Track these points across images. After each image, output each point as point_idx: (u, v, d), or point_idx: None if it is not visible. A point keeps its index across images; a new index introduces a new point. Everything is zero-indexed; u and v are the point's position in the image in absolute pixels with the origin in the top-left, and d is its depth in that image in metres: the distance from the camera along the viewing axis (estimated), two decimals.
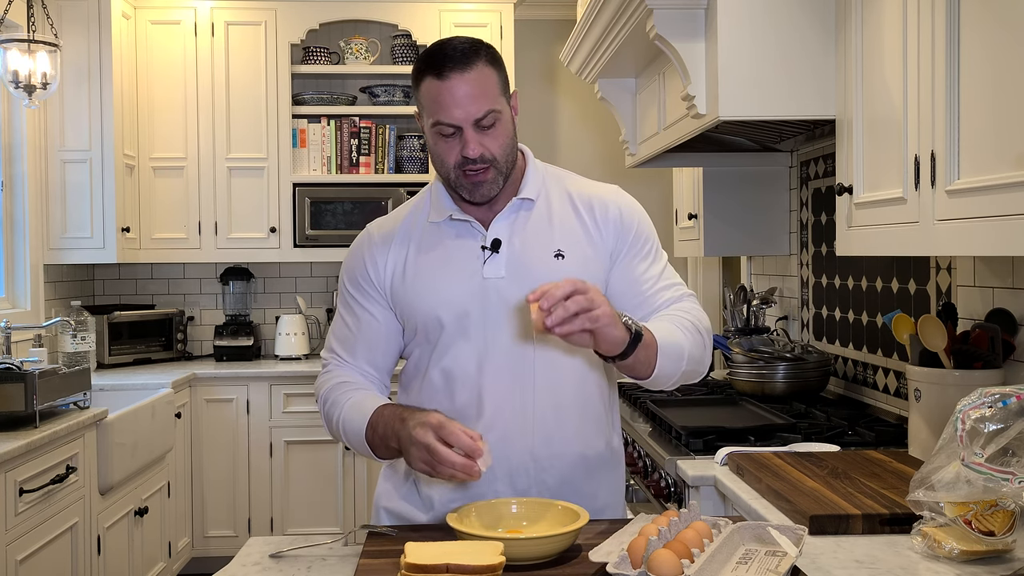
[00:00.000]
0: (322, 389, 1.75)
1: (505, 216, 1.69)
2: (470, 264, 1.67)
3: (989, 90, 1.59)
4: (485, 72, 1.60)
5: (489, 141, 1.61)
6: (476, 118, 1.58)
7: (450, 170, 1.63)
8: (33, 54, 3.60)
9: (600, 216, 1.72)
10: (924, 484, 1.46)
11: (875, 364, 2.83)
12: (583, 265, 1.67)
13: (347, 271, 1.77)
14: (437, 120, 1.60)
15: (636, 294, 1.70)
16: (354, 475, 4.38)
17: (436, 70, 1.58)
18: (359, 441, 1.64)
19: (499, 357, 1.65)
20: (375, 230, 1.77)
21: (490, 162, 1.61)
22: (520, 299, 1.63)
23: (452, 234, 1.70)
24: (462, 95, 1.57)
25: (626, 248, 1.72)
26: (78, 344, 4.11)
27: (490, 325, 1.65)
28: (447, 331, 1.67)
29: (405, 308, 1.70)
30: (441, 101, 1.58)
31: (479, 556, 1.30)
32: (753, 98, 2.29)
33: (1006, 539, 1.44)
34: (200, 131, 4.60)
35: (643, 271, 1.72)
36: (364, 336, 1.74)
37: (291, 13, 4.61)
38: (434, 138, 1.63)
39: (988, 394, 1.44)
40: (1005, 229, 1.53)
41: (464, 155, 1.59)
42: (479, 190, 1.63)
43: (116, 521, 3.38)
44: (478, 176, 1.61)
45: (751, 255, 3.91)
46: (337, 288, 1.88)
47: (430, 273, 1.69)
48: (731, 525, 1.47)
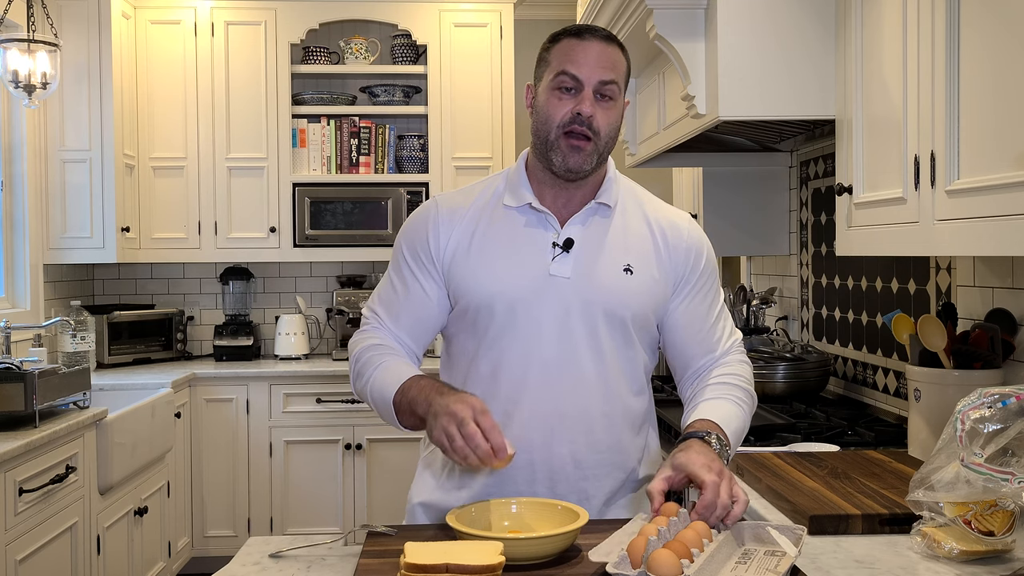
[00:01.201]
0: (358, 346, 1.72)
1: (581, 218, 1.68)
2: (538, 257, 1.65)
3: (989, 90, 1.59)
4: (619, 54, 1.65)
5: (601, 113, 1.62)
6: (601, 79, 1.60)
7: (553, 128, 1.62)
8: (33, 54, 3.60)
9: (673, 241, 1.72)
10: (924, 484, 1.47)
11: (875, 364, 2.83)
12: (649, 286, 1.68)
13: (407, 238, 1.73)
14: (563, 70, 1.60)
15: (698, 331, 1.75)
16: (354, 475, 4.38)
17: (576, 32, 1.63)
18: (385, 403, 1.61)
19: (549, 356, 1.64)
20: (443, 203, 1.73)
21: (594, 135, 1.61)
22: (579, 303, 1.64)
23: (525, 222, 1.68)
24: (596, 56, 1.61)
25: (694, 280, 1.73)
26: (78, 344, 4.11)
27: (545, 323, 1.64)
28: (498, 319, 1.64)
29: (460, 287, 1.67)
30: (573, 55, 1.60)
31: (479, 556, 1.30)
32: (753, 98, 2.29)
33: (1006, 539, 1.44)
34: (200, 131, 4.60)
35: (707, 309, 1.76)
36: (410, 307, 1.71)
37: (291, 13, 4.61)
38: (548, 94, 1.62)
39: (988, 394, 1.44)
40: (1005, 229, 1.53)
41: (577, 111, 1.60)
42: (574, 157, 1.62)
43: (116, 521, 3.38)
44: (579, 141, 1.61)
45: (751, 255, 3.91)
46: (339, 287, 1.88)
47: (494, 256, 1.66)
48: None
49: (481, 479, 1.68)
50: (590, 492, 1.70)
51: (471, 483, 1.69)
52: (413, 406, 1.56)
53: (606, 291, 1.65)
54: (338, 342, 4.73)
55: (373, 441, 4.38)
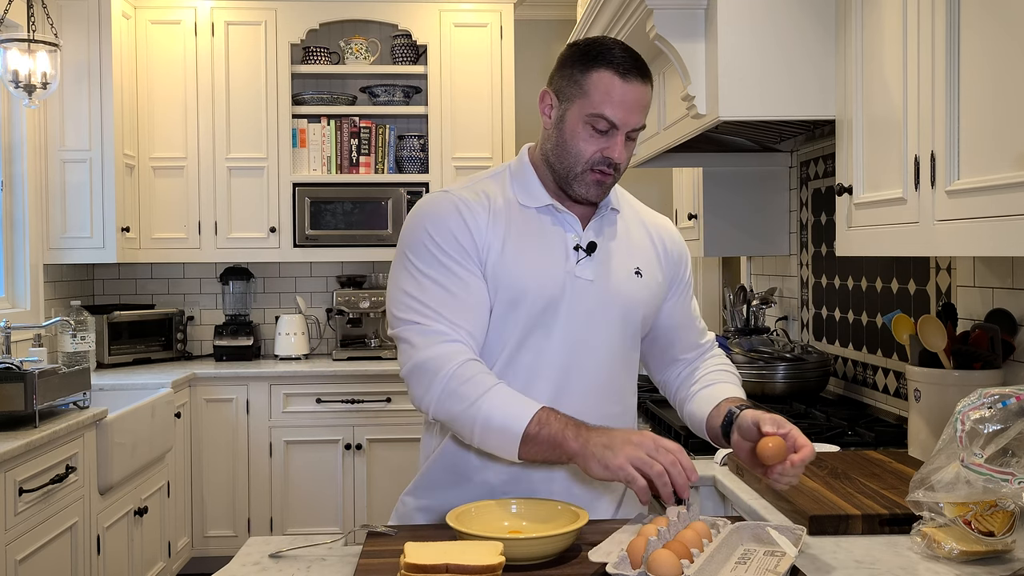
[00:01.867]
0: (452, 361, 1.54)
1: (597, 223, 1.70)
2: (562, 258, 1.66)
3: (989, 90, 1.59)
4: (650, 91, 1.65)
5: (628, 151, 1.64)
6: (633, 128, 1.61)
7: (580, 163, 1.62)
8: (33, 54, 3.60)
9: (669, 246, 1.80)
10: (924, 484, 1.47)
11: (875, 364, 2.83)
12: (653, 288, 1.75)
13: (439, 232, 1.61)
14: (601, 113, 1.58)
15: (686, 329, 1.84)
16: (354, 475, 4.38)
17: (619, 67, 1.59)
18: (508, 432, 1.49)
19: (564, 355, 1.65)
20: (466, 196, 1.65)
21: (615, 170, 1.64)
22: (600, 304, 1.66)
23: (548, 222, 1.68)
24: (634, 101, 1.60)
25: (682, 283, 1.82)
26: (78, 344, 4.11)
27: (566, 323, 1.64)
28: (526, 318, 1.62)
29: (494, 283, 1.62)
30: (614, 98, 1.58)
31: (479, 556, 1.30)
32: (753, 98, 2.29)
33: (1006, 539, 1.44)
34: (200, 131, 4.60)
35: (693, 308, 1.86)
36: (471, 301, 1.60)
37: (291, 13, 4.61)
38: (579, 127, 1.61)
39: (988, 395, 1.44)
40: (1005, 229, 1.53)
41: (607, 155, 1.61)
42: (596, 189, 1.64)
43: (116, 521, 3.38)
44: (605, 179, 1.63)
45: (751, 255, 3.91)
46: (339, 287, 1.86)
47: (526, 255, 1.64)
48: (730, 525, 1.47)
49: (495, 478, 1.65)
50: (602, 491, 1.71)
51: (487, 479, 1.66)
52: (560, 440, 1.47)
53: (622, 294, 1.69)
54: (338, 342, 4.73)
55: (373, 441, 4.38)
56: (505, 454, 1.52)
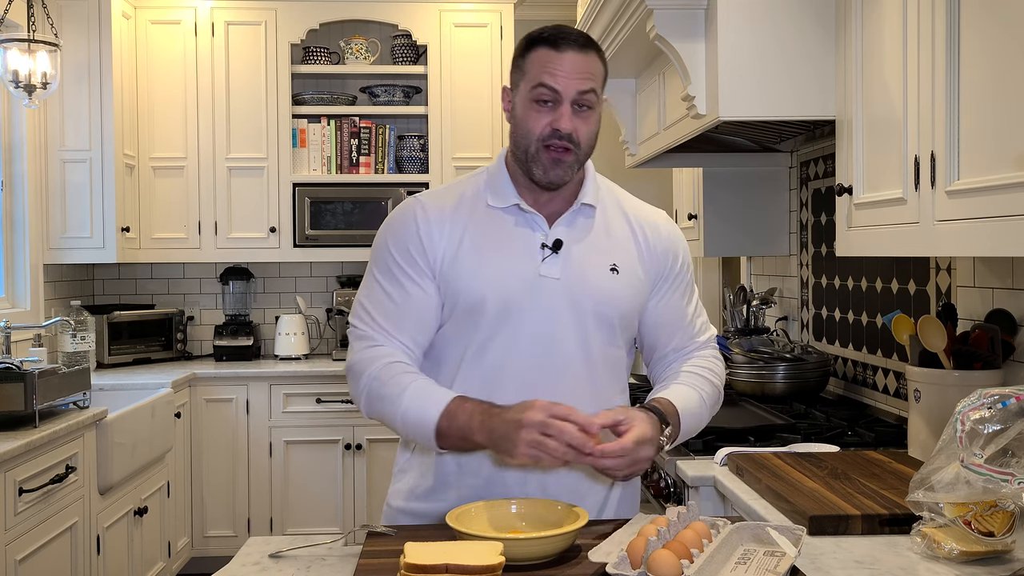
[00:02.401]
0: (373, 365, 1.62)
1: (568, 219, 1.68)
2: (527, 257, 1.65)
3: (989, 90, 1.59)
4: (597, 62, 1.64)
5: (580, 124, 1.61)
6: (580, 90, 1.60)
7: (533, 141, 1.61)
8: (33, 54, 3.60)
9: (653, 240, 1.74)
10: (924, 485, 1.46)
11: (875, 365, 2.83)
12: (634, 285, 1.70)
13: (395, 241, 1.67)
14: (540, 82, 1.59)
15: (675, 328, 1.78)
16: (354, 475, 4.38)
17: (553, 42, 1.61)
18: (422, 427, 1.56)
19: (535, 357, 1.64)
20: (428, 202, 1.69)
21: (575, 145, 1.61)
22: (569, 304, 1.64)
23: (513, 223, 1.67)
24: (572, 67, 1.60)
25: (672, 278, 1.76)
26: (78, 344, 4.11)
27: (534, 323, 1.63)
28: (489, 320, 1.63)
29: (452, 288, 1.65)
30: (551, 67, 1.59)
31: (479, 556, 1.30)
32: (753, 98, 2.29)
33: (1005, 540, 1.44)
34: (200, 131, 4.60)
35: (683, 305, 1.79)
36: (413, 311, 1.65)
37: (291, 13, 4.61)
38: (527, 106, 1.62)
39: (987, 395, 1.44)
40: (1005, 230, 1.53)
41: (555, 127, 1.59)
42: (555, 169, 1.62)
43: (116, 521, 3.38)
44: (560, 154, 1.61)
45: (751, 255, 3.91)
46: (339, 287, 1.87)
47: (484, 257, 1.64)
48: (730, 525, 1.47)
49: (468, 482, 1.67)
50: (583, 492, 1.69)
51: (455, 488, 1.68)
52: (467, 434, 1.53)
53: (594, 291, 1.66)
54: (338, 342, 4.73)
55: (373, 441, 4.38)
56: (432, 448, 1.60)
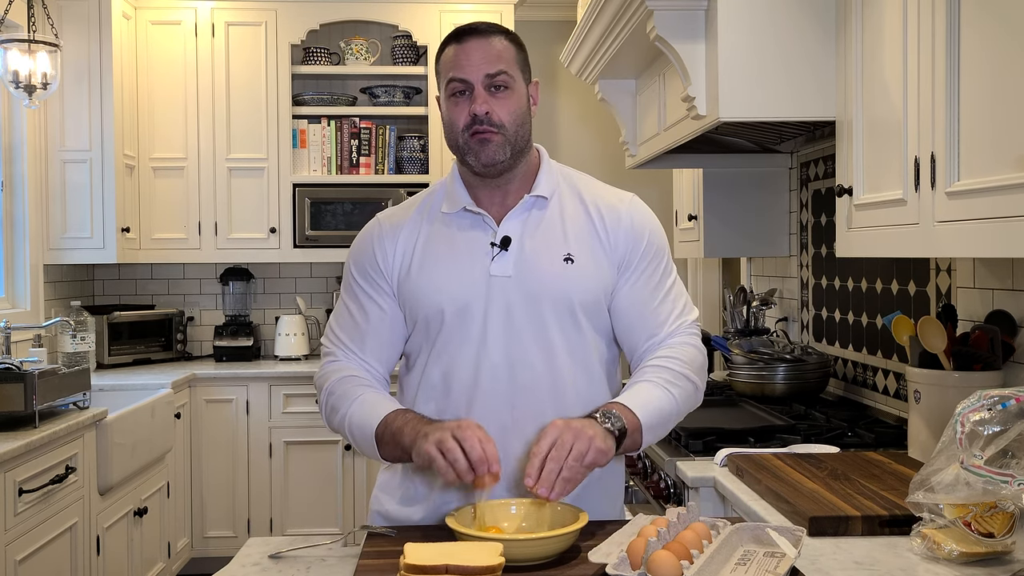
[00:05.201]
0: (329, 380, 1.70)
1: (517, 214, 1.67)
2: (478, 259, 1.66)
3: (989, 91, 1.59)
4: (503, 43, 1.65)
5: (498, 105, 1.62)
6: (488, 73, 1.61)
7: (458, 135, 1.63)
8: (33, 54, 3.60)
9: (611, 224, 1.69)
10: (924, 486, 1.46)
11: (875, 365, 2.83)
12: (592, 272, 1.66)
13: (355, 260, 1.74)
14: (451, 78, 1.62)
15: (642, 314, 1.70)
16: (354, 476, 4.38)
17: (455, 37, 1.66)
18: (365, 436, 1.61)
19: (497, 357, 1.64)
20: (384, 219, 1.75)
21: (498, 127, 1.61)
22: (523, 299, 1.63)
23: (463, 226, 1.68)
24: (477, 55, 1.62)
25: (636, 261, 1.69)
26: (78, 344, 4.11)
27: (491, 324, 1.63)
28: (447, 326, 1.65)
29: (409, 299, 1.68)
30: (457, 60, 1.63)
31: (478, 557, 1.30)
32: (753, 99, 2.29)
33: (1005, 541, 1.44)
34: (200, 131, 4.60)
35: (651, 290, 1.70)
36: (372, 329, 1.71)
37: (291, 13, 4.61)
38: (447, 103, 1.65)
39: (987, 396, 1.44)
40: (1005, 231, 1.53)
41: (472, 111, 1.60)
42: (485, 150, 1.62)
43: (115, 521, 3.37)
44: (487, 136, 1.61)
45: (751, 256, 3.91)
46: (339, 288, 1.88)
47: (436, 265, 1.67)
48: (729, 526, 1.47)
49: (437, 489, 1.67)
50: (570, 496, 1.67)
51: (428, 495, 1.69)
52: (398, 437, 1.56)
53: (548, 284, 1.64)
54: None
55: None
56: (375, 458, 1.64)
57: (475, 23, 1.68)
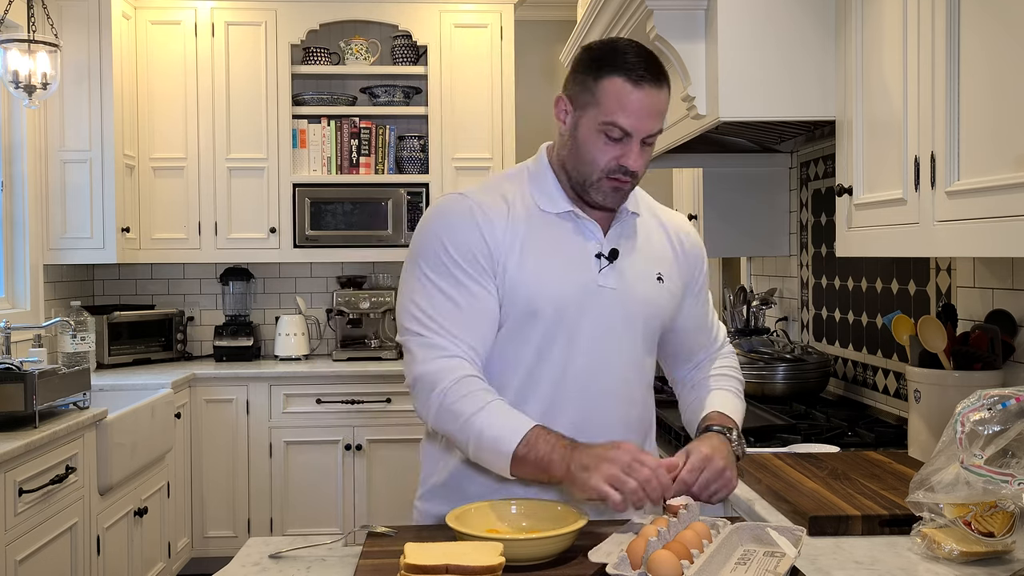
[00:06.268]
0: (443, 380, 1.55)
1: (617, 228, 1.68)
2: (585, 266, 1.64)
3: (989, 91, 1.59)
4: (667, 94, 1.60)
5: (644, 158, 1.61)
6: (649, 134, 1.58)
7: (596, 171, 1.59)
8: (33, 54, 3.60)
9: (688, 248, 1.77)
10: (924, 485, 1.47)
11: (875, 365, 2.83)
12: (675, 292, 1.73)
13: (454, 240, 1.60)
14: (614, 121, 1.55)
15: (700, 331, 1.82)
16: (354, 475, 4.38)
17: (630, 73, 1.54)
18: (498, 450, 1.49)
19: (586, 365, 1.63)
20: (482, 203, 1.63)
21: (634, 178, 1.61)
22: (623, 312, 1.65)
23: (568, 229, 1.65)
24: (649, 108, 1.56)
25: (698, 285, 1.79)
26: (78, 344, 4.11)
27: (589, 332, 1.63)
28: (546, 326, 1.61)
29: (512, 292, 1.60)
30: (627, 105, 1.54)
31: (479, 556, 1.30)
32: (753, 99, 2.29)
33: (1006, 540, 1.44)
34: (200, 131, 4.60)
35: (707, 311, 1.83)
36: (478, 314, 1.59)
37: (291, 13, 4.61)
38: (594, 135, 1.58)
39: (987, 396, 1.44)
40: (1005, 230, 1.53)
41: (623, 164, 1.58)
42: (614, 196, 1.62)
43: (115, 521, 3.37)
44: (623, 186, 1.61)
45: (751, 256, 3.91)
46: (339, 288, 1.85)
47: (543, 262, 1.62)
48: (729, 526, 1.47)
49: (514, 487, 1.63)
50: None
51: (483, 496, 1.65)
52: (546, 466, 1.47)
53: (645, 302, 1.67)
54: (338, 343, 4.73)
55: (373, 441, 4.38)
56: (498, 472, 1.53)
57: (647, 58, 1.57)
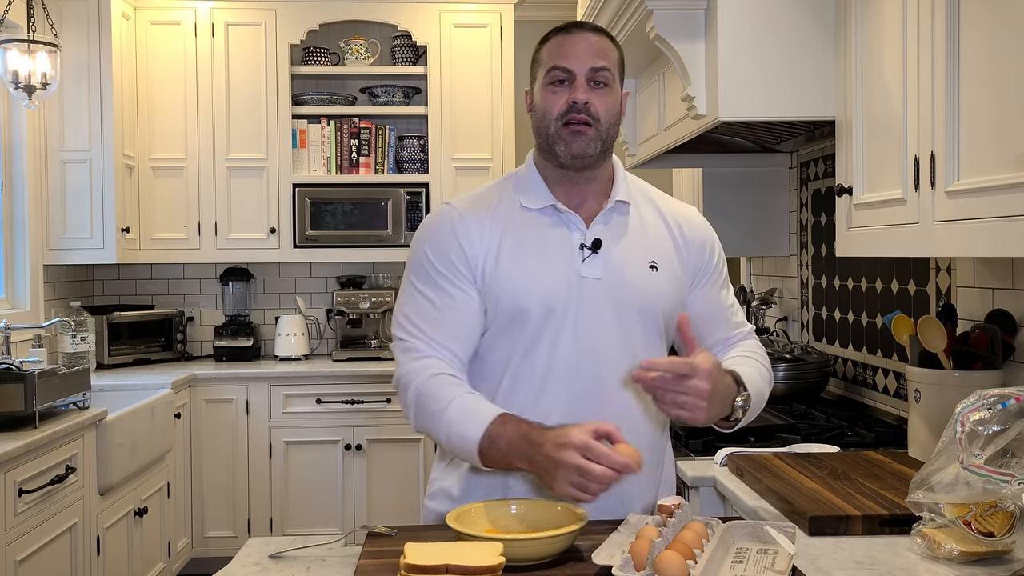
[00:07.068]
0: (416, 379, 1.61)
1: (603, 218, 1.68)
2: (567, 259, 1.64)
3: (989, 91, 1.59)
4: (608, 43, 1.67)
5: (597, 99, 1.62)
6: (592, 67, 1.62)
7: (551, 122, 1.63)
8: (33, 54, 3.60)
9: (689, 235, 1.75)
10: (924, 485, 1.47)
11: (875, 365, 2.83)
12: (674, 280, 1.70)
13: (434, 248, 1.66)
14: (554, 65, 1.63)
15: (720, 320, 1.78)
16: (354, 476, 4.38)
17: (562, 29, 1.67)
18: (466, 448, 1.54)
19: (582, 359, 1.63)
20: (463, 209, 1.69)
21: (593, 120, 1.62)
22: (612, 303, 1.64)
23: (549, 224, 1.67)
24: (583, 47, 1.63)
25: (710, 272, 1.77)
26: (78, 344, 4.11)
27: (580, 325, 1.63)
28: (534, 323, 1.62)
29: (495, 294, 1.64)
30: (562, 49, 1.64)
31: (479, 557, 1.30)
32: (753, 99, 2.29)
33: (1005, 540, 1.44)
34: (200, 131, 4.60)
35: (724, 297, 1.80)
36: (456, 316, 1.64)
37: (291, 13, 4.61)
38: (544, 91, 1.65)
39: (987, 396, 1.44)
40: (1005, 230, 1.53)
41: (572, 99, 1.60)
42: (577, 142, 1.61)
43: (115, 521, 3.37)
44: (582, 129, 1.61)
45: (751, 256, 3.91)
46: (339, 288, 1.86)
47: (524, 260, 1.64)
48: (722, 525, 1.47)
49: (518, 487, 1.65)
50: (631, 493, 1.68)
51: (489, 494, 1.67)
52: (509, 459, 1.51)
53: (637, 290, 1.66)
54: (338, 343, 4.73)
55: (373, 442, 4.38)
56: (474, 464, 1.57)
57: (581, 21, 1.68)
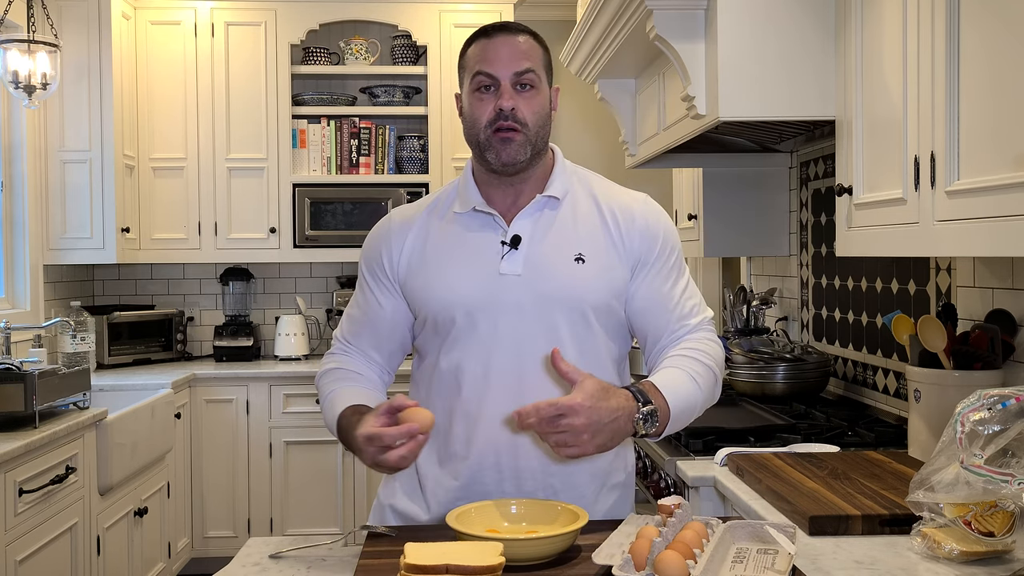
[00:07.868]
0: (319, 372, 1.79)
1: (528, 213, 1.67)
2: (487, 258, 1.66)
3: (989, 91, 1.59)
4: (531, 43, 1.66)
5: (524, 103, 1.63)
6: (516, 71, 1.62)
7: (480, 130, 1.64)
8: (33, 54, 3.60)
9: (625, 224, 1.70)
10: (924, 485, 1.47)
11: (875, 365, 2.83)
12: (604, 272, 1.66)
13: (364, 256, 1.79)
14: (478, 71, 1.63)
15: (660, 313, 1.70)
16: (354, 475, 4.38)
17: (483, 33, 1.66)
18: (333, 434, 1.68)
19: (507, 356, 1.63)
20: (396, 216, 1.78)
21: (521, 125, 1.62)
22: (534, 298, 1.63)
23: (473, 226, 1.69)
24: (506, 51, 1.63)
25: (651, 261, 1.69)
26: (78, 344, 4.11)
27: (501, 323, 1.63)
28: (457, 325, 1.65)
29: (417, 298, 1.69)
30: (485, 55, 1.64)
31: (479, 557, 1.30)
32: (753, 99, 2.29)
33: (1006, 540, 1.44)
34: (200, 131, 4.60)
35: (668, 288, 1.70)
36: (371, 322, 1.76)
37: (291, 13, 4.61)
38: (471, 98, 1.65)
39: (987, 396, 1.44)
40: (1005, 230, 1.53)
41: (499, 107, 1.61)
42: (506, 149, 1.62)
43: (116, 521, 3.38)
44: (507, 134, 1.61)
45: (751, 256, 3.91)
46: (338, 287, 1.91)
47: (445, 264, 1.67)
48: (722, 525, 1.47)
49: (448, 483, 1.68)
50: (557, 488, 1.67)
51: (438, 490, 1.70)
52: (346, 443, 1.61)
53: (559, 283, 1.64)
54: None
55: None
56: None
57: (504, 22, 1.68)
